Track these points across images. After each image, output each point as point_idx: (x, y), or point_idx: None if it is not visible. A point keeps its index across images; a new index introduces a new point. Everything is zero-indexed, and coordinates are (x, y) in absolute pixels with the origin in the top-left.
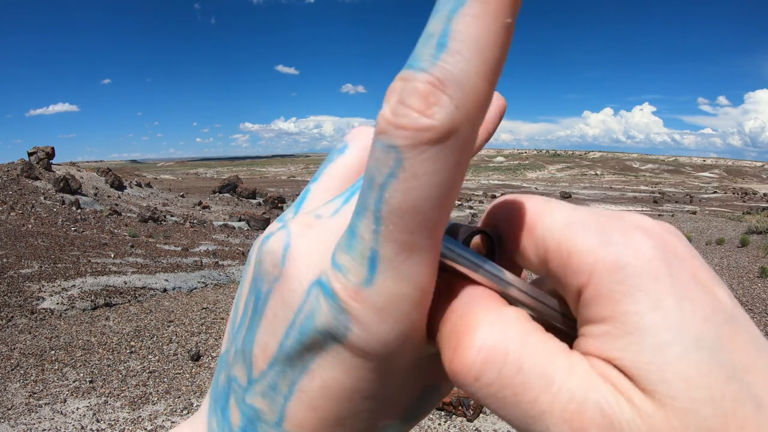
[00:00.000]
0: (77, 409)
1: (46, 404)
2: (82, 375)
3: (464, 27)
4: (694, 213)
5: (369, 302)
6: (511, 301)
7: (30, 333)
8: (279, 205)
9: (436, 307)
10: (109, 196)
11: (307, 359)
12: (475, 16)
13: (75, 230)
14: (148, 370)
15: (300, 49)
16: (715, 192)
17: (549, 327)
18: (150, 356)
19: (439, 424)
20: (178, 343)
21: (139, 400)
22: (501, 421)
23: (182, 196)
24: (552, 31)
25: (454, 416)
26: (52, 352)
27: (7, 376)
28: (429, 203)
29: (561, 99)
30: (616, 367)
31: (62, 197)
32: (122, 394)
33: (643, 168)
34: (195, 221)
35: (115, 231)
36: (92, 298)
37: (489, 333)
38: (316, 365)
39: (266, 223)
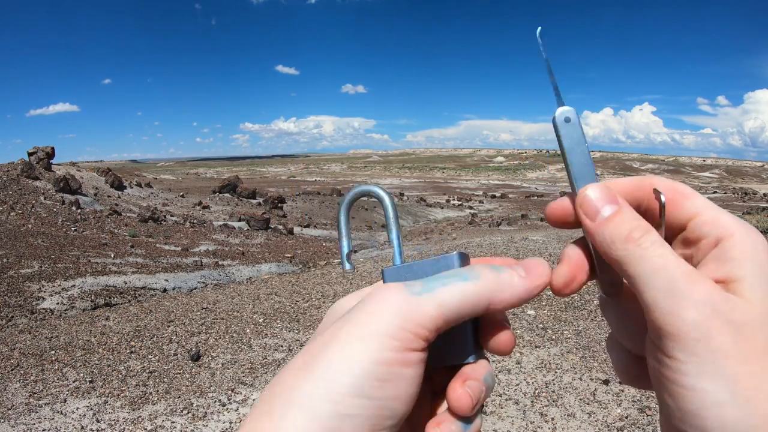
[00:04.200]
0: (77, 409)
1: (46, 404)
2: (82, 375)
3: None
4: None
5: None
6: None
7: (30, 333)
8: (279, 205)
9: None
10: (109, 196)
11: None
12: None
13: (75, 230)
14: (148, 370)
15: (300, 49)
16: (715, 192)
17: None
18: (150, 356)
19: None
20: (178, 343)
21: (139, 400)
22: (501, 421)
23: (182, 196)
24: (552, 31)
25: None
26: (52, 352)
27: (7, 376)
28: None
29: None
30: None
31: (62, 197)
32: (122, 394)
33: (643, 168)
34: (195, 221)
35: (115, 231)
36: (92, 298)
37: None
38: None
39: (266, 223)
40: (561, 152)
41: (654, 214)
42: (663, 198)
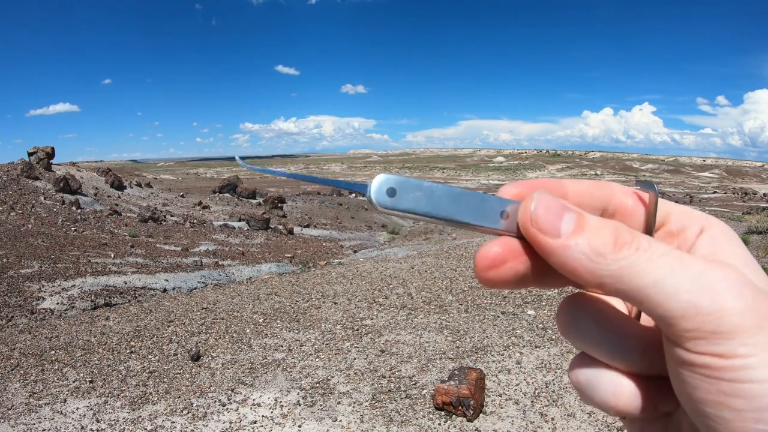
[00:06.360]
0: (77, 409)
1: (46, 404)
2: (82, 375)
3: None
4: None
5: None
6: None
7: (30, 333)
8: (279, 205)
9: None
10: (109, 196)
11: None
12: None
13: (75, 230)
14: (148, 370)
15: (300, 49)
16: (715, 192)
17: None
18: (150, 356)
19: (439, 424)
20: (178, 343)
21: (139, 400)
22: (501, 421)
23: (182, 196)
24: (552, 31)
25: (454, 416)
26: (52, 352)
27: (7, 376)
28: None
29: (561, 99)
30: None
31: (62, 197)
32: (122, 394)
33: (643, 168)
34: (195, 221)
35: (115, 231)
36: (92, 298)
37: None
38: None
39: (266, 223)
40: (428, 219)
41: (622, 218)
42: (657, 188)
